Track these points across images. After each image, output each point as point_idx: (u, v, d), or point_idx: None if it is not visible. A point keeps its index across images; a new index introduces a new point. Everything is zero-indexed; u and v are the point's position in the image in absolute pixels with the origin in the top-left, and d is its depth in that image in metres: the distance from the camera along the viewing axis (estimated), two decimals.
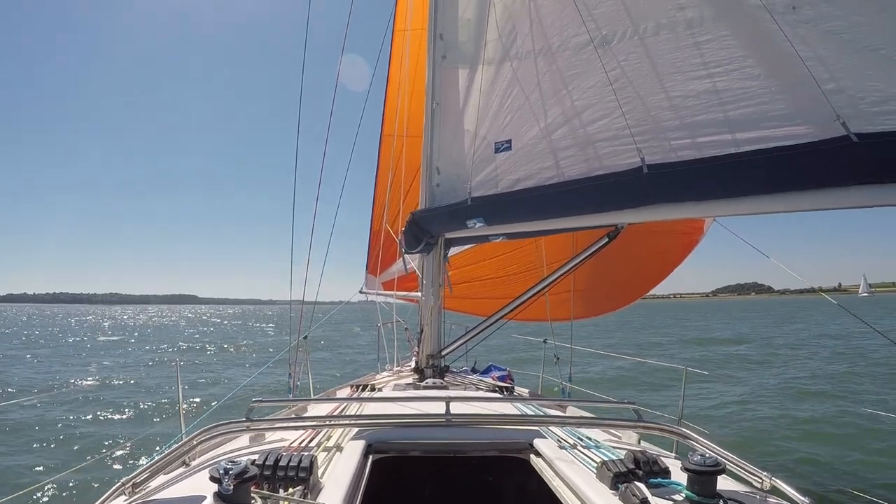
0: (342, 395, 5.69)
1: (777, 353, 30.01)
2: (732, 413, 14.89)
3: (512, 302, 6.42)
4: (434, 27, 6.37)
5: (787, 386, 18.59)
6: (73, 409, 16.12)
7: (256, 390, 16.19)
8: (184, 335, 57.80)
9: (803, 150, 3.92)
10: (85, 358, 31.99)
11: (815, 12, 4.05)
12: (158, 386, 20.30)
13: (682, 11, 4.69)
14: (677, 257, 9.03)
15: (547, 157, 5.38)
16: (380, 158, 11.52)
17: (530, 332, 9.30)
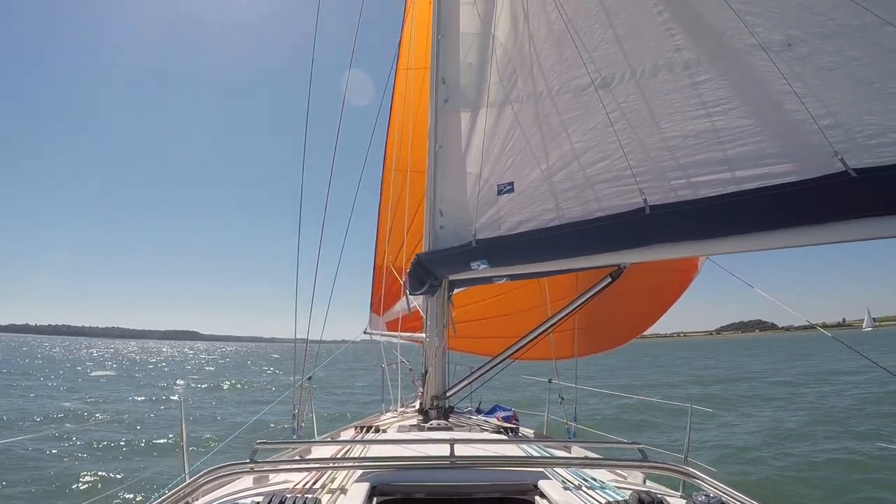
0: (346, 436, 5.69)
1: (788, 390, 29.84)
2: (739, 451, 14.81)
3: (517, 342, 6.42)
4: (436, 71, 6.45)
5: (795, 424, 18.49)
6: (72, 446, 16.07)
7: (260, 428, 16.17)
8: (185, 371, 57.59)
9: (803, 186, 3.95)
10: (84, 392, 31.89)
11: (810, 49, 4.13)
12: (160, 423, 20.19)
13: (679, 52, 4.76)
14: (672, 295, 9.10)
15: (549, 199, 5.42)
16: (382, 194, 11.58)
17: (535, 371, 9.31)
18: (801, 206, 3.94)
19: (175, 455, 11.90)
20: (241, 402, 29.62)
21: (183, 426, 6.29)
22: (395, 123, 10.78)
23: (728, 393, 29.93)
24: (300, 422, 7.24)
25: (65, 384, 36.94)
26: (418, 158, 8.03)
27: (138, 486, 11.35)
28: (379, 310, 11.13)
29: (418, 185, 7.94)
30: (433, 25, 6.54)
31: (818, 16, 4.14)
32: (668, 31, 4.86)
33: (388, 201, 10.97)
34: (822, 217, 3.86)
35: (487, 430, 5.80)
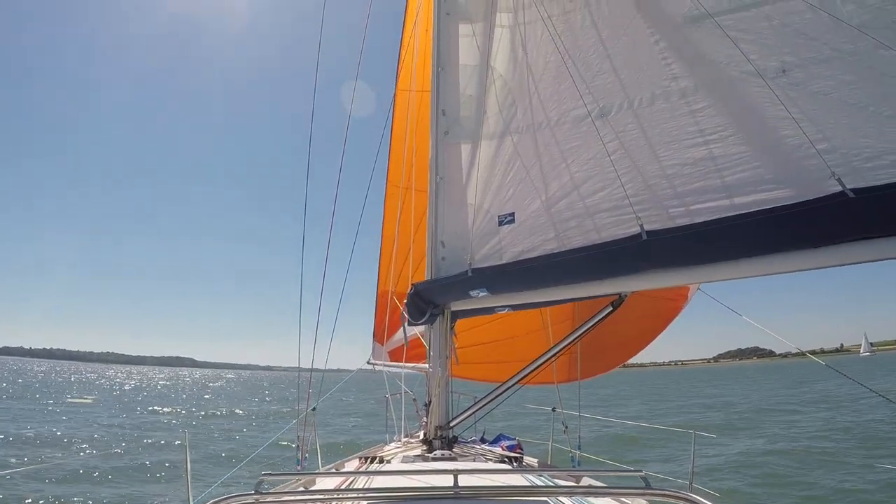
0: (350, 467, 5.68)
1: (794, 415, 29.72)
2: (745, 476, 14.76)
3: (519, 373, 6.40)
4: (437, 103, 6.49)
5: (801, 448, 18.40)
6: (77, 475, 16.05)
7: (264, 457, 16.10)
8: (184, 399, 57.26)
9: (801, 208, 3.96)
10: (85, 419, 31.75)
11: (805, 74, 4.19)
12: (163, 453, 20.12)
13: (675, 81, 4.82)
14: (662, 322, 9.15)
15: (549, 230, 5.44)
16: (385, 213, 11.57)
17: (537, 397, 9.30)
18: (800, 228, 3.96)
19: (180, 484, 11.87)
20: (248, 432, 29.52)
21: (187, 456, 6.27)
22: (396, 142, 10.84)
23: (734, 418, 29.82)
24: (304, 452, 7.23)
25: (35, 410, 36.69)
26: (420, 178, 8.06)
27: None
28: (382, 339, 11.09)
29: (420, 204, 7.95)
30: (433, 58, 6.60)
31: (812, 41, 4.21)
32: (664, 61, 4.92)
33: (393, 224, 10.99)
34: (820, 240, 3.87)
35: (492, 460, 5.77)
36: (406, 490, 3.38)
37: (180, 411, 42.77)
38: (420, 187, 8.56)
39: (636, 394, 60.23)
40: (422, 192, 8.07)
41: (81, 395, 54.52)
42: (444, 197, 6.38)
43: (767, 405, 37.82)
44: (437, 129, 6.48)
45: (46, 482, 14.90)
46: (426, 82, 7.18)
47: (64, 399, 49.25)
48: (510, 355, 9.23)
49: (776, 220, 4.05)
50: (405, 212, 9.66)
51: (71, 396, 52.89)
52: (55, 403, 43.84)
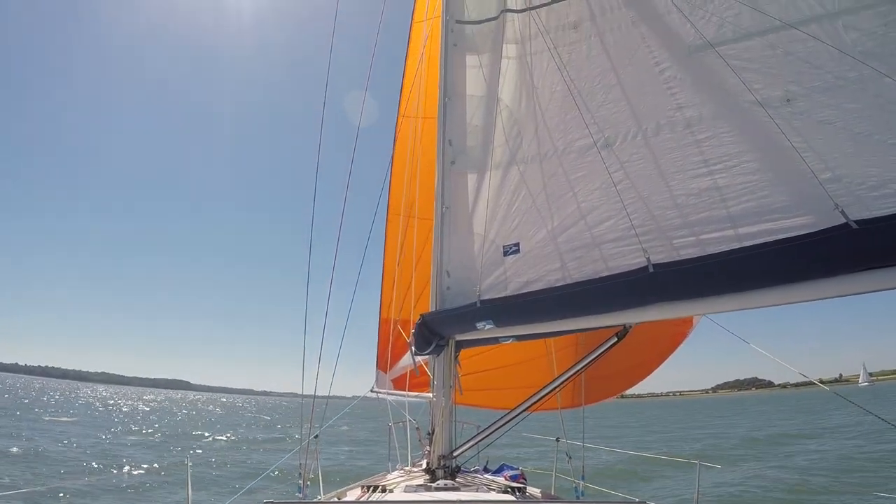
0: (352, 495, 5.65)
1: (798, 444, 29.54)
2: None
3: (522, 403, 6.38)
4: (443, 133, 6.53)
5: (803, 478, 18.30)
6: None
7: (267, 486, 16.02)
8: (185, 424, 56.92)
9: (804, 240, 3.96)
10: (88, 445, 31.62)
11: (809, 103, 4.20)
12: (165, 477, 20.05)
13: (680, 111, 4.84)
14: (668, 348, 9.13)
15: (555, 260, 5.43)
16: (387, 241, 11.56)
17: (540, 426, 9.25)
18: (804, 261, 3.93)
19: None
20: (249, 458, 29.40)
21: (188, 484, 6.26)
22: (398, 168, 10.87)
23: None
24: (306, 480, 7.20)
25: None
26: (425, 206, 8.06)
27: None
28: (385, 366, 11.06)
29: (422, 232, 7.95)
30: (440, 88, 6.65)
31: (816, 70, 4.23)
32: (669, 90, 4.94)
33: (394, 254, 10.99)
34: (824, 271, 3.85)
35: (495, 490, 5.75)
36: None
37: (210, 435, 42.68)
38: (422, 215, 8.57)
39: (639, 424, 59.93)
40: (424, 220, 8.09)
41: (64, 415, 54.04)
42: (449, 226, 6.38)
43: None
44: (443, 159, 6.51)
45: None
46: (431, 109, 7.21)
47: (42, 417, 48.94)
48: (513, 382, 9.21)
49: (781, 253, 4.03)
50: (407, 240, 9.66)
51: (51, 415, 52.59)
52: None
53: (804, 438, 32.87)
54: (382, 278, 11.58)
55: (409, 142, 10.03)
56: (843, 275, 3.80)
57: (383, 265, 11.63)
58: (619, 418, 65.81)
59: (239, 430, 52.52)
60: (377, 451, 27.61)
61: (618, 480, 17.45)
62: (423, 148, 9.38)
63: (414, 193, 9.27)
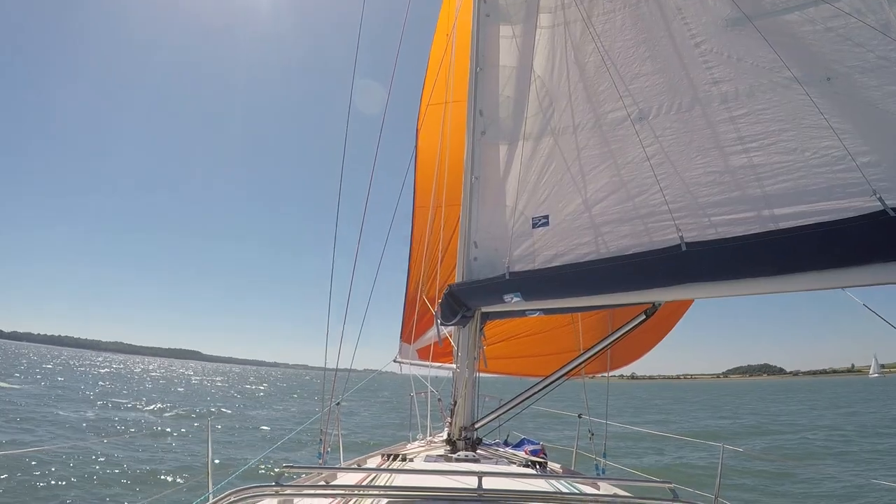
0: (372, 463, 5.65)
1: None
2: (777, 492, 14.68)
3: (546, 377, 6.36)
4: (474, 103, 6.45)
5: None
6: (91, 463, 16.20)
7: (287, 453, 16.15)
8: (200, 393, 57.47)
9: (839, 226, 3.88)
10: (104, 408, 32.01)
11: (849, 83, 4.09)
12: (183, 444, 20.29)
13: (716, 86, 4.74)
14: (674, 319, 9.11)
15: (584, 234, 5.37)
16: (413, 228, 11.55)
17: (563, 405, 9.23)
18: (838, 247, 3.86)
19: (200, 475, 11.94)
20: (268, 427, 29.62)
21: (209, 447, 6.29)
22: (424, 157, 10.81)
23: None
24: (326, 446, 7.22)
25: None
26: (452, 191, 8.01)
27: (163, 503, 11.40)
28: (409, 339, 11.08)
29: (452, 218, 7.90)
30: (471, 59, 6.55)
31: (858, 48, 4.11)
32: (705, 64, 4.83)
33: (422, 236, 10.97)
34: (859, 259, 3.79)
35: (515, 464, 5.73)
36: (428, 490, 3.34)
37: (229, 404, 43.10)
38: (451, 202, 8.50)
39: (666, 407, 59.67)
40: (453, 207, 8.03)
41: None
42: (478, 197, 6.32)
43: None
44: (473, 129, 6.43)
45: (62, 467, 15.11)
46: (461, 93, 7.12)
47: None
48: (538, 349, 9.20)
49: (816, 237, 3.96)
50: (436, 222, 9.63)
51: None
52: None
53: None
54: (409, 259, 11.59)
55: (436, 129, 9.97)
56: (878, 263, 3.72)
57: (410, 248, 11.64)
58: (649, 401, 65.59)
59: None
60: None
61: (639, 458, 17.49)
62: (454, 131, 9.34)
63: (443, 179, 9.25)
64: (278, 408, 44.61)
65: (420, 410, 9.81)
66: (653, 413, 48.64)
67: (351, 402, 40.52)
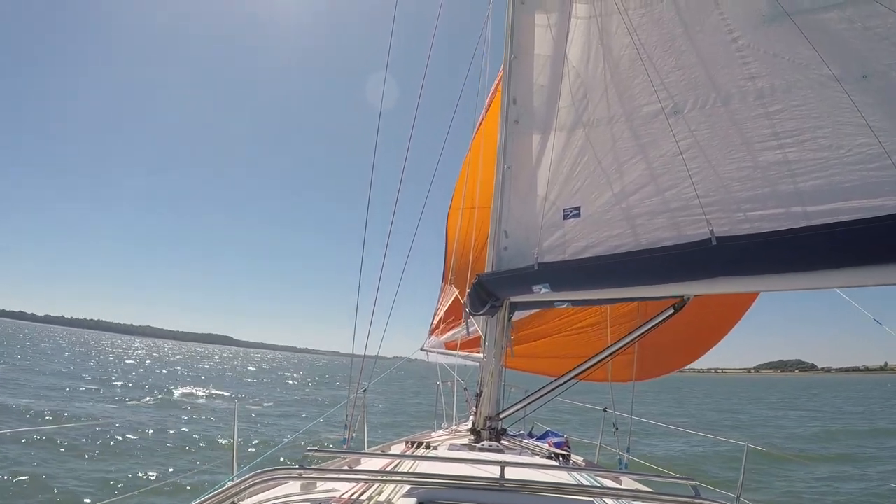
0: (396, 450, 5.68)
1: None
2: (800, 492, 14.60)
3: (572, 370, 6.39)
4: (508, 91, 6.45)
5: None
6: (119, 441, 16.51)
7: (312, 438, 16.27)
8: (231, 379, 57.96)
9: (874, 223, 3.84)
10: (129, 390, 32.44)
11: (886, 82, 4.05)
12: (210, 427, 20.51)
13: (752, 81, 4.71)
14: (728, 323, 8.93)
15: (615, 226, 5.37)
16: (447, 228, 11.62)
17: (589, 399, 9.24)
18: (871, 245, 3.84)
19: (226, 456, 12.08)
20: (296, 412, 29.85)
21: (235, 429, 6.37)
22: (473, 159, 10.85)
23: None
24: (351, 433, 7.28)
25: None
26: (487, 194, 8.03)
27: (188, 484, 11.57)
28: (438, 332, 11.13)
29: (486, 220, 7.93)
30: (506, 46, 6.54)
31: (895, 47, 4.08)
32: (741, 60, 4.80)
33: (454, 232, 11.03)
34: (891, 257, 3.78)
35: (539, 455, 5.75)
36: (451, 478, 3.36)
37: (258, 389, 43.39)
38: (485, 203, 8.51)
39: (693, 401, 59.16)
40: (485, 209, 8.05)
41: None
42: (509, 186, 6.34)
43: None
44: (507, 118, 6.43)
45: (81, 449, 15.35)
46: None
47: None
48: (566, 350, 9.17)
49: (847, 235, 3.93)
50: (468, 223, 9.69)
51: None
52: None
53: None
54: (445, 255, 11.65)
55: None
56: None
57: (445, 247, 11.70)
58: (675, 395, 64.95)
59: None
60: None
61: (667, 459, 17.44)
62: (487, 139, 9.36)
63: (475, 185, 9.30)
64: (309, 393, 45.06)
65: (446, 400, 9.87)
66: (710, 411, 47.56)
67: (377, 389, 40.62)
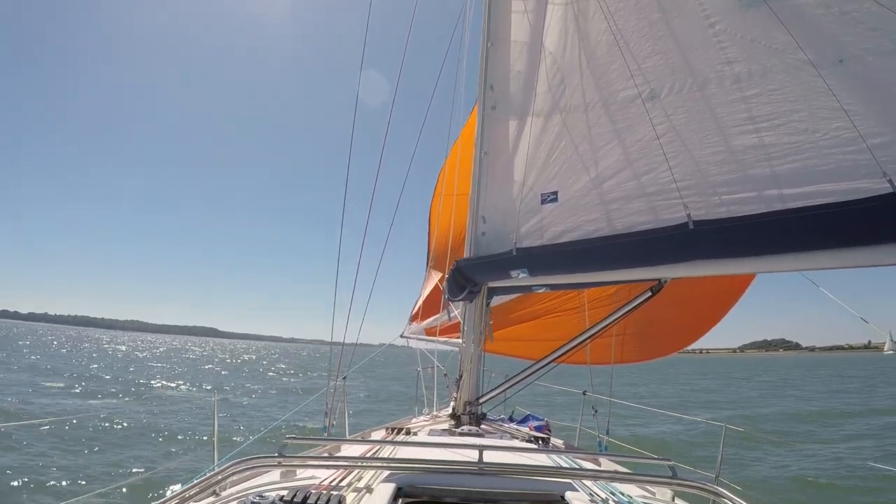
0: (376, 436, 5.70)
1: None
2: (778, 473, 14.73)
3: (552, 353, 6.42)
4: (485, 78, 6.46)
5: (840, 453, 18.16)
6: (102, 434, 16.49)
7: (292, 427, 16.26)
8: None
9: (848, 206, 3.88)
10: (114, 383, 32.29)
11: (862, 66, 4.07)
12: (192, 417, 20.50)
13: (729, 66, 4.73)
14: (721, 308, 8.84)
15: (593, 210, 5.40)
16: (431, 216, 11.62)
17: (568, 382, 9.27)
18: (846, 228, 3.88)
19: (207, 446, 12.08)
20: (277, 400, 29.83)
21: (215, 419, 6.36)
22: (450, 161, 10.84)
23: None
24: (332, 420, 7.28)
25: None
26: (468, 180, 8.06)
27: (169, 474, 11.58)
28: (418, 318, 11.14)
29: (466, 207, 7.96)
30: (483, 32, 6.53)
31: (872, 31, 4.09)
32: (718, 45, 4.82)
33: (436, 220, 11.04)
34: (866, 239, 3.80)
35: (518, 439, 5.78)
36: (430, 462, 3.38)
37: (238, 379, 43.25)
38: (463, 192, 8.48)
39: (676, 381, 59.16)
40: (464, 197, 8.07)
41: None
42: (487, 172, 6.36)
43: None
44: (483, 104, 6.44)
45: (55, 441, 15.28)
46: None
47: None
48: (546, 334, 9.19)
49: (823, 218, 3.97)
50: (448, 211, 9.68)
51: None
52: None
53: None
54: (428, 244, 11.68)
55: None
56: (887, 244, 3.73)
57: (428, 234, 11.71)
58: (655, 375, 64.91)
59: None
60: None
61: (644, 438, 17.55)
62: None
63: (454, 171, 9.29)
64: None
65: (426, 385, 9.89)
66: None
67: (359, 377, 40.61)
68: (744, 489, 4.71)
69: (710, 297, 8.69)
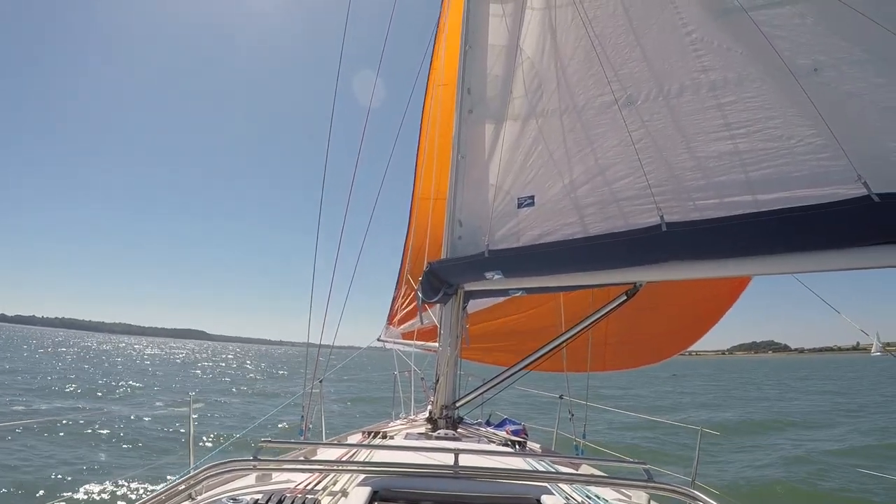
0: (353, 440, 5.68)
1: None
2: (755, 475, 14.81)
3: (528, 356, 6.43)
4: (462, 81, 6.47)
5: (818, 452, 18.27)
6: (77, 438, 16.32)
7: (270, 430, 16.21)
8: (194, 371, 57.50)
9: (824, 209, 3.90)
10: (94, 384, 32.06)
11: (837, 74, 4.11)
12: (169, 419, 20.37)
13: (705, 73, 4.76)
14: (723, 305, 8.79)
15: (569, 214, 5.41)
16: (410, 220, 11.59)
17: (546, 387, 9.29)
18: (822, 230, 3.90)
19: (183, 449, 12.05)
20: (255, 402, 29.73)
21: (191, 422, 6.33)
22: (423, 147, 10.81)
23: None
24: (308, 423, 7.25)
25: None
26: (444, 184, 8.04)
27: (144, 477, 11.51)
28: (394, 322, 11.12)
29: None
30: (462, 36, 6.55)
31: (846, 41, 4.13)
32: (695, 52, 4.85)
33: (414, 223, 11.03)
34: (842, 241, 3.83)
35: (495, 443, 5.78)
36: (406, 466, 3.38)
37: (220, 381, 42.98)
38: (440, 196, 8.46)
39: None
40: (440, 202, 8.04)
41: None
42: (463, 176, 6.37)
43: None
44: (461, 107, 6.45)
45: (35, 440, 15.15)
46: (452, 76, 7.11)
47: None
48: (523, 343, 9.20)
49: (798, 220, 3.99)
50: (425, 214, 9.67)
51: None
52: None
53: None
54: (404, 250, 11.65)
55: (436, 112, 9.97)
56: (862, 247, 3.76)
57: (406, 238, 11.69)
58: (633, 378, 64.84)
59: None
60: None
61: (621, 442, 17.59)
62: (444, 114, 9.32)
63: (431, 177, 9.28)
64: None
65: (403, 389, 9.88)
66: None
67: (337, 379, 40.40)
68: (720, 492, 4.73)
69: (699, 305, 8.70)
